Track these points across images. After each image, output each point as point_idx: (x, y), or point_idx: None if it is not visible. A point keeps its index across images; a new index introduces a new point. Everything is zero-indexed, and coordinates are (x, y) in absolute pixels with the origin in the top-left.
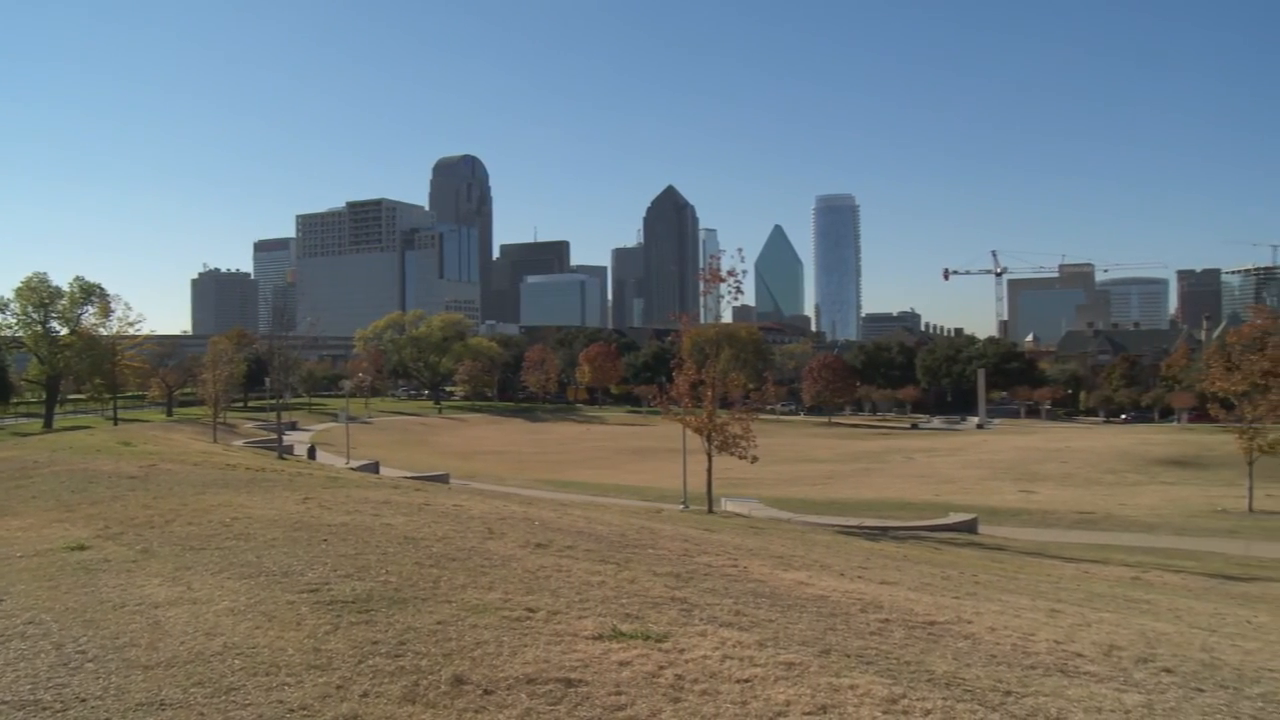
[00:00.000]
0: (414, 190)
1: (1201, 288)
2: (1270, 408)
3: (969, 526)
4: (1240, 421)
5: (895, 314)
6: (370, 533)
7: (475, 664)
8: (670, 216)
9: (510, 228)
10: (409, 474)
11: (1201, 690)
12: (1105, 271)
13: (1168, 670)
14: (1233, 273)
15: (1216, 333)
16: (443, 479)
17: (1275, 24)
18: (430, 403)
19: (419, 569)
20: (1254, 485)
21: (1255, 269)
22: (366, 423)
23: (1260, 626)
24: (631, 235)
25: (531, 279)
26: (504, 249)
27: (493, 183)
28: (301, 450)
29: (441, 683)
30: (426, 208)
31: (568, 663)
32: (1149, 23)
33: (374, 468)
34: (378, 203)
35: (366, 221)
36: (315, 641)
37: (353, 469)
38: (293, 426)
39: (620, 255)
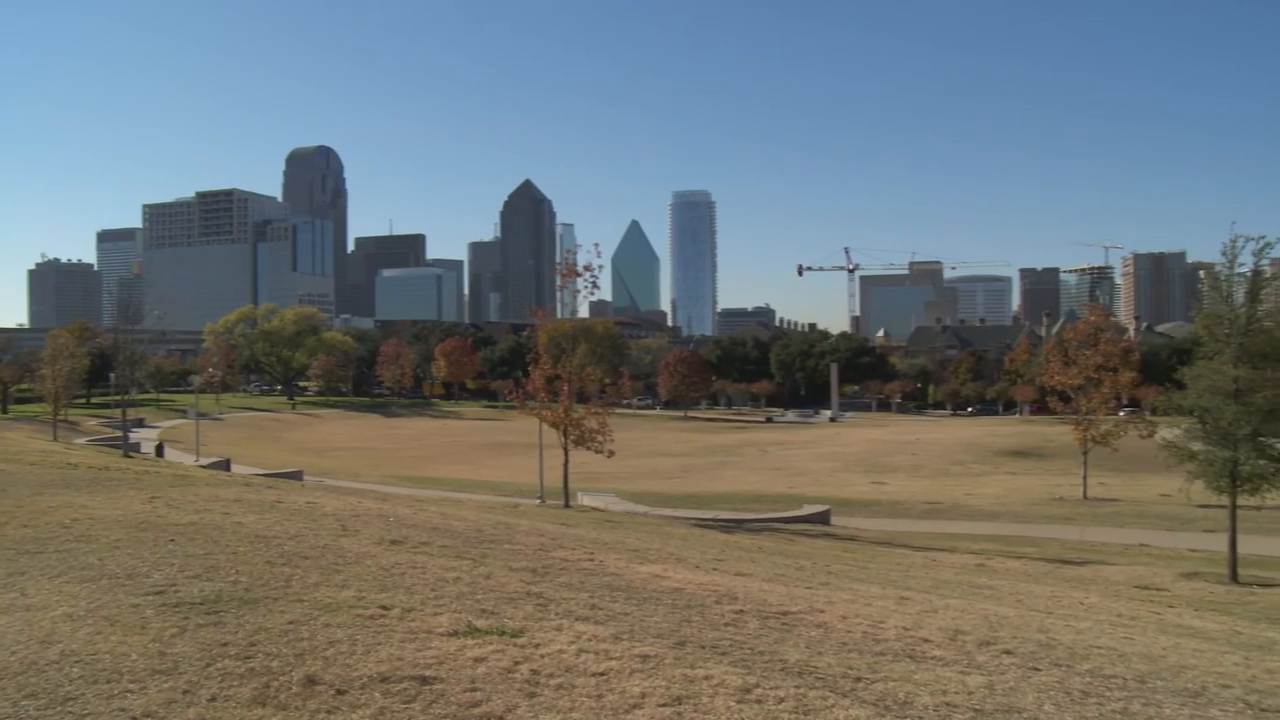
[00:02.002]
0: (267, 181)
1: (1042, 286)
2: (1102, 400)
3: (822, 518)
4: (1076, 414)
5: (750, 309)
6: (220, 532)
7: (328, 664)
8: (527, 211)
9: (365, 220)
10: (261, 471)
11: (1038, 669)
12: (953, 269)
13: (1008, 652)
14: (1070, 272)
15: (1055, 329)
16: (296, 476)
17: (1122, 25)
18: (284, 398)
19: (270, 568)
20: (1088, 474)
21: (1090, 268)
22: (217, 419)
23: (1091, 607)
24: (488, 229)
25: (387, 273)
26: (359, 242)
27: (348, 174)
28: (149, 448)
29: (293, 684)
30: (280, 199)
31: (422, 660)
32: (997, 18)
33: (225, 465)
34: (229, 193)
35: (217, 212)
36: (161, 646)
37: (203, 467)
38: (139, 424)
39: (477, 249)
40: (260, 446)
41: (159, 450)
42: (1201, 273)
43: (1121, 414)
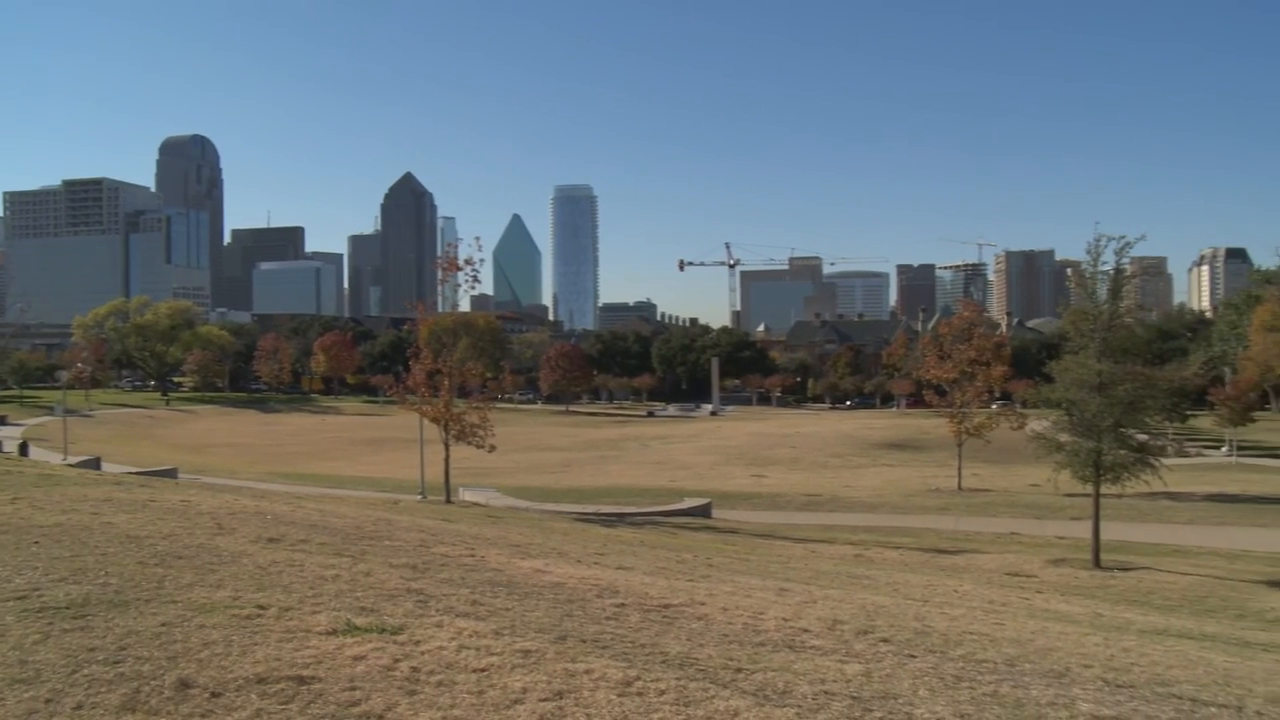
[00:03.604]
0: (139, 170)
1: (918, 282)
2: (976, 394)
3: (703, 511)
4: (951, 407)
5: (632, 304)
6: (88, 532)
7: (202, 666)
8: (408, 204)
9: (243, 212)
10: (134, 469)
11: (914, 656)
12: (832, 265)
13: (885, 640)
14: (945, 268)
15: (931, 324)
16: (170, 474)
17: (993, 21)
18: (157, 394)
19: (142, 569)
20: (962, 465)
21: (964, 265)
22: (87, 416)
23: (965, 595)
24: (369, 222)
25: (265, 266)
26: (236, 234)
27: (224, 164)
28: (12, 447)
29: (165, 688)
30: (153, 189)
31: (300, 660)
32: (872, 16)
33: (95, 464)
34: (98, 182)
35: (85, 202)
36: (22, 654)
37: (71, 466)
38: (2, 421)
39: (357, 242)
40: (133, 444)
41: (23, 449)
42: (1069, 270)
43: (994, 407)
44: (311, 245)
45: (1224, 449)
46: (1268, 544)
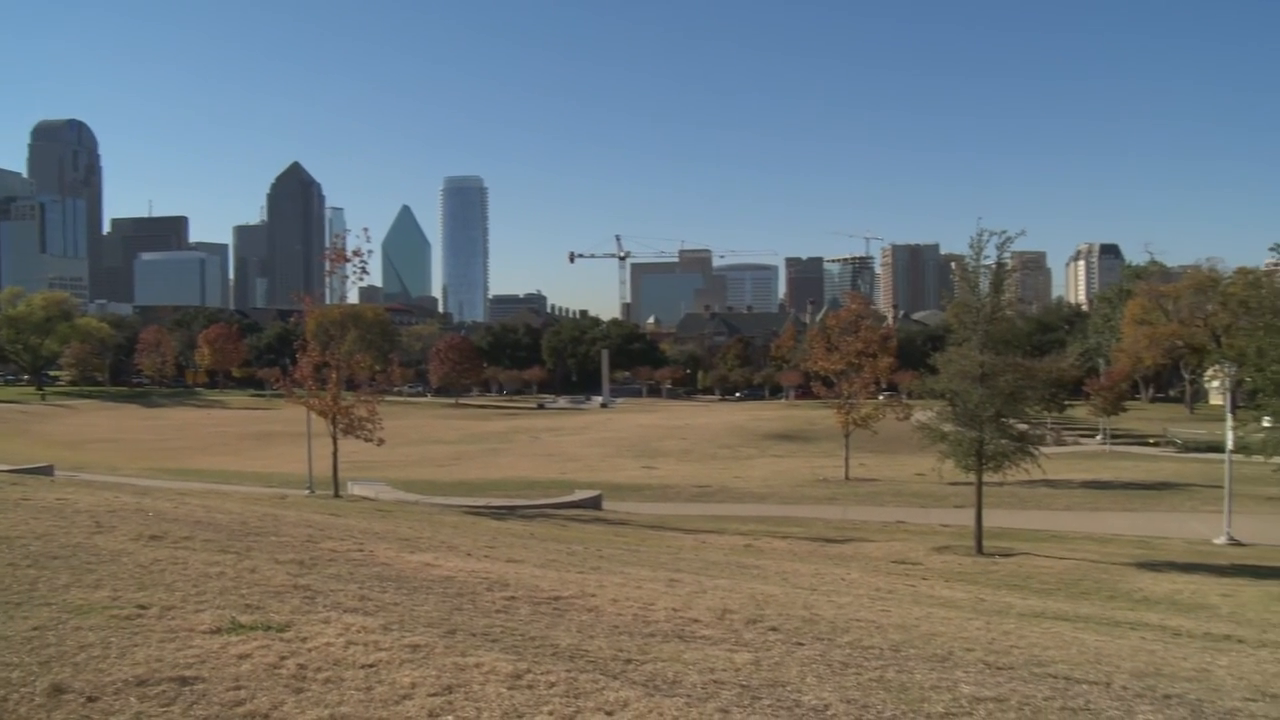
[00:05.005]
0: (9, 155)
1: (807, 275)
2: (863, 385)
3: (594, 503)
4: (838, 398)
5: (522, 296)
6: None
7: (78, 670)
8: (295, 194)
9: (123, 201)
10: (6, 467)
11: (802, 644)
12: (721, 257)
13: (774, 629)
14: (833, 261)
15: (819, 316)
16: (47, 471)
17: (872, 14)
18: (32, 389)
19: (13, 570)
20: (850, 455)
21: (852, 258)
22: None
23: (852, 583)
24: (255, 212)
25: (146, 256)
26: (115, 223)
27: (103, 151)
28: None
29: (37, 694)
30: (25, 175)
31: (182, 660)
32: (756, 9)
33: None
34: None
35: None
36: None
37: None
38: None
39: (243, 233)
40: (5, 440)
41: None
42: (953, 264)
43: (880, 398)
44: (196, 235)
45: (1098, 437)
46: (1137, 528)
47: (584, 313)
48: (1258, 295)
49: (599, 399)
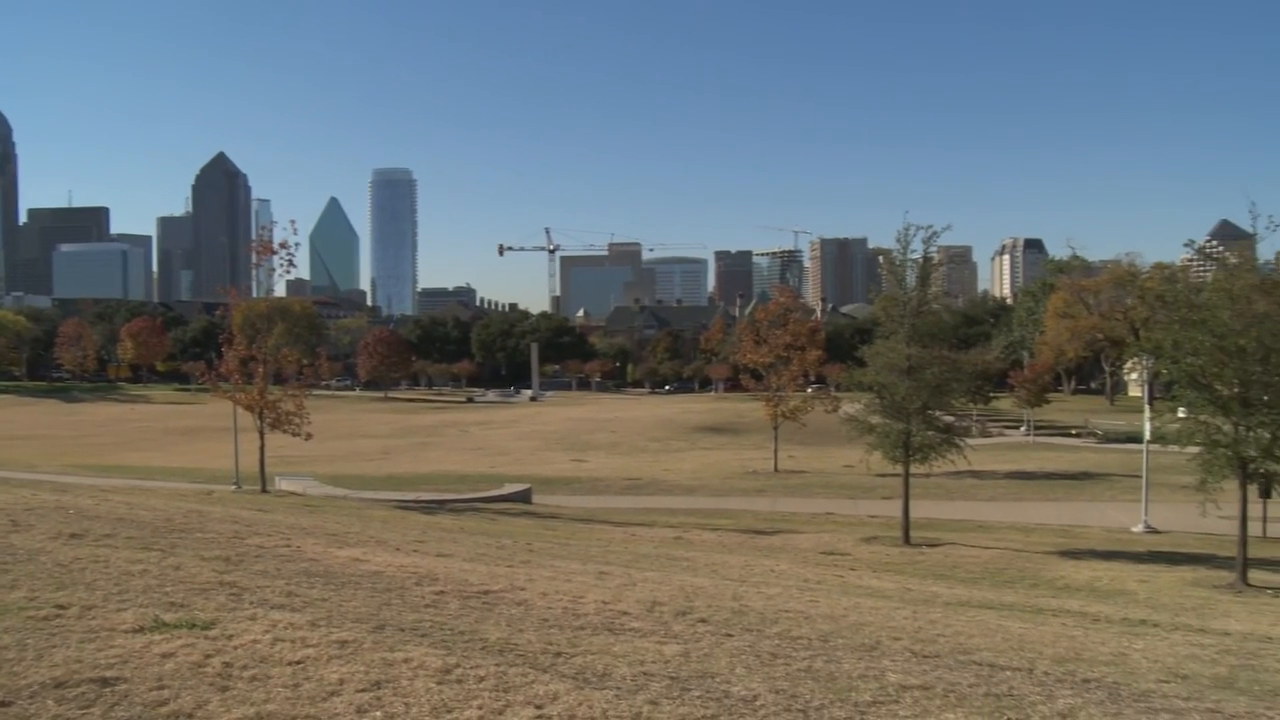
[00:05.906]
0: None
1: (736, 268)
2: (791, 377)
3: (523, 496)
4: (767, 390)
5: (451, 289)
6: None
7: None
8: (221, 185)
9: (40, 190)
10: None
11: (731, 635)
12: (651, 251)
13: (703, 620)
14: (762, 255)
15: (748, 310)
16: None
17: (802, 10)
18: None
19: None
20: (779, 448)
21: (781, 252)
22: None
23: (781, 574)
24: (179, 203)
25: (66, 247)
26: (32, 213)
27: (18, 139)
28: None
29: None
30: None
31: (103, 660)
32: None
33: None
34: None
35: None
36: None
37: None
38: None
39: (167, 224)
40: None
41: None
42: (880, 258)
43: (809, 390)
44: (117, 227)
45: (1022, 429)
46: (1059, 517)
47: (514, 306)
48: (1173, 290)
49: (528, 392)
